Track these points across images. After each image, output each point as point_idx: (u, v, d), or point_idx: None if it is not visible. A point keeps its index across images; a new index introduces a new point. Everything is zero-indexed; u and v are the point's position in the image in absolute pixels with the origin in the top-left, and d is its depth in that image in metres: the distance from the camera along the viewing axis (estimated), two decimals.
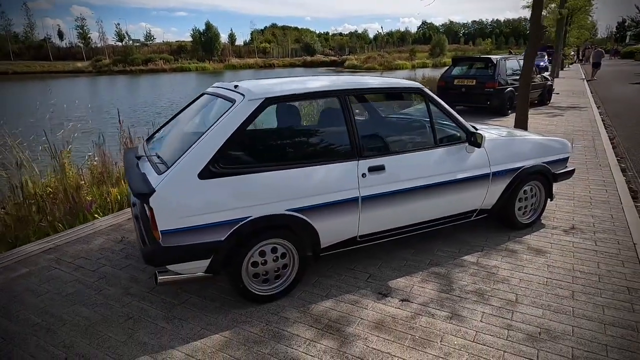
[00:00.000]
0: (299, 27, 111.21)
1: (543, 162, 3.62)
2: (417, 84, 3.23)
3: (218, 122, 2.53)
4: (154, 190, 2.29)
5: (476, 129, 3.63)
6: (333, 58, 70.64)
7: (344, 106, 2.83)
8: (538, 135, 3.87)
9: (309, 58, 72.35)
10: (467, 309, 2.60)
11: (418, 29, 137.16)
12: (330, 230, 2.78)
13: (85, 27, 74.03)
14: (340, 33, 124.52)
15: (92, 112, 14.70)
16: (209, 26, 69.60)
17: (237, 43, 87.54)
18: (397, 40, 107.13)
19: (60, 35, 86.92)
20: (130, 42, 72.64)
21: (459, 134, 3.24)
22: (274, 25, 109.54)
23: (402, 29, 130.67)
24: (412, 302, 2.68)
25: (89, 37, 74.53)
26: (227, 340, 2.37)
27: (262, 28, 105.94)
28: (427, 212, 3.15)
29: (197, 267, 2.48)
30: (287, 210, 2.57)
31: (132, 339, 2.40)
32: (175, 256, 2.39)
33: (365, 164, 2.81)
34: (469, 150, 3.20)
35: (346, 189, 2.74)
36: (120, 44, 72.23)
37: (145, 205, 2.35)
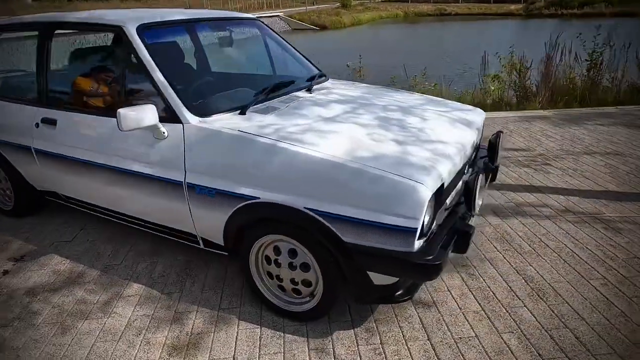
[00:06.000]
0: None
1: (312, 210, 1.68)
2: (119, 21, 2.19)
3: None
4: None
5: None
6: None
7: (40, 43, 2.58)
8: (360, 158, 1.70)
9: None
10: None
11: None
12: (27, 172, 2.78)
13: None
14: None
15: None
16: None
17: None
18: None
19: None
20: None
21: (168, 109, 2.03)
22: None
23: None
24: None
25: None
26: None
27: None
28: (118, 201, 2.37)
29: None
30: None
31: None
32: None
33: (41, 113, 2.53)
34: (158, 135, 2.01)
35: (22, 135, 2.64)
36: None
37: None
